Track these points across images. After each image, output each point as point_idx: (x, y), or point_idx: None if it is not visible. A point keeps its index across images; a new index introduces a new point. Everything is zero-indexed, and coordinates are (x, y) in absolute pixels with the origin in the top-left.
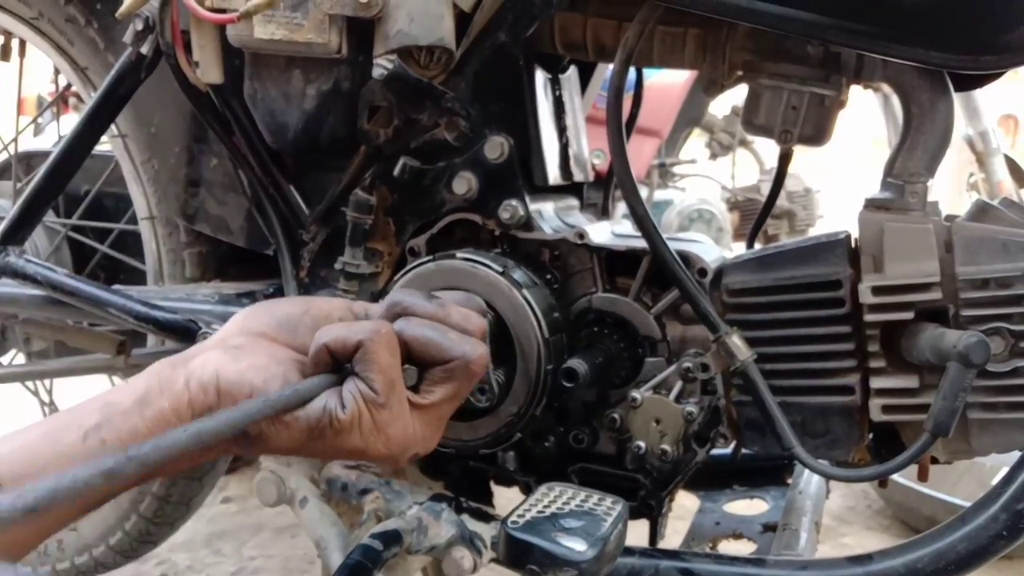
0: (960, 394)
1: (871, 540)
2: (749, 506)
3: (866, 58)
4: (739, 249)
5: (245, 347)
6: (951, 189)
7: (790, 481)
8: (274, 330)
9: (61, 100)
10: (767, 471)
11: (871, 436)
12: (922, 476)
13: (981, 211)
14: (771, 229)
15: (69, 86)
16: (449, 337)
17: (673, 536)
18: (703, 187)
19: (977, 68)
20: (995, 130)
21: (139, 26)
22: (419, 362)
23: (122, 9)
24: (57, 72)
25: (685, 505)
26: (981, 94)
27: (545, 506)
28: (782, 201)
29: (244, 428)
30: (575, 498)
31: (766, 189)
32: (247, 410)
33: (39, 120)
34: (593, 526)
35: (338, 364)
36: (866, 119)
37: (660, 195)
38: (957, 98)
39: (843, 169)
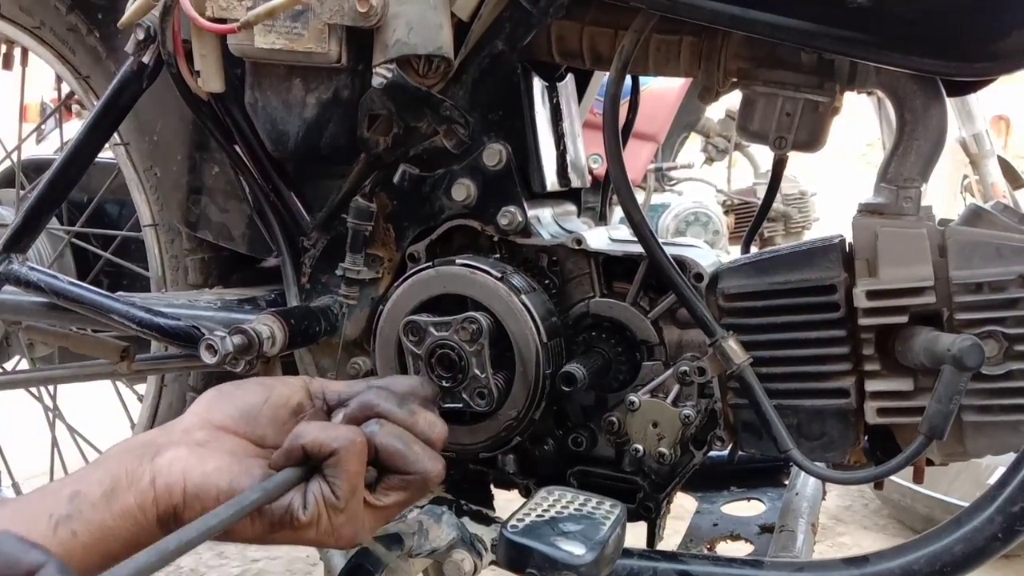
0: (954, 397)
1: (867, 539)
2: (746, 507)
3: (859, 65)
4: (735, 252)
5: (209, 444)
6: (945, 191)
7: (787, 483)
8: (235, 422)
9: (64, 107)
10: (764, 473)
11: (866, 438)
12: (917, 478)
13: (975, 215)
14: (767, 232)
15: (72, 94)
16: (414, 450)
17: (671, 536)
18: (699, 191)
19: (971, 75)
20: (988, 131)
21: (140, 35)
22: (382, 468)
23: (124, 19)
24: (59, 79)
25: (683, 505)
26: (975, 97)
27: (544, 510)
28: (777, 204)
29: None
30: (574, 502)
31: (762, 192)
32: (224, 516)
33: (42, 127)
34: (592, 530)
35: (307, 459)
36: (861, 122)
37: (657, 199)
38: (951, 101)
39: (839, 171)
